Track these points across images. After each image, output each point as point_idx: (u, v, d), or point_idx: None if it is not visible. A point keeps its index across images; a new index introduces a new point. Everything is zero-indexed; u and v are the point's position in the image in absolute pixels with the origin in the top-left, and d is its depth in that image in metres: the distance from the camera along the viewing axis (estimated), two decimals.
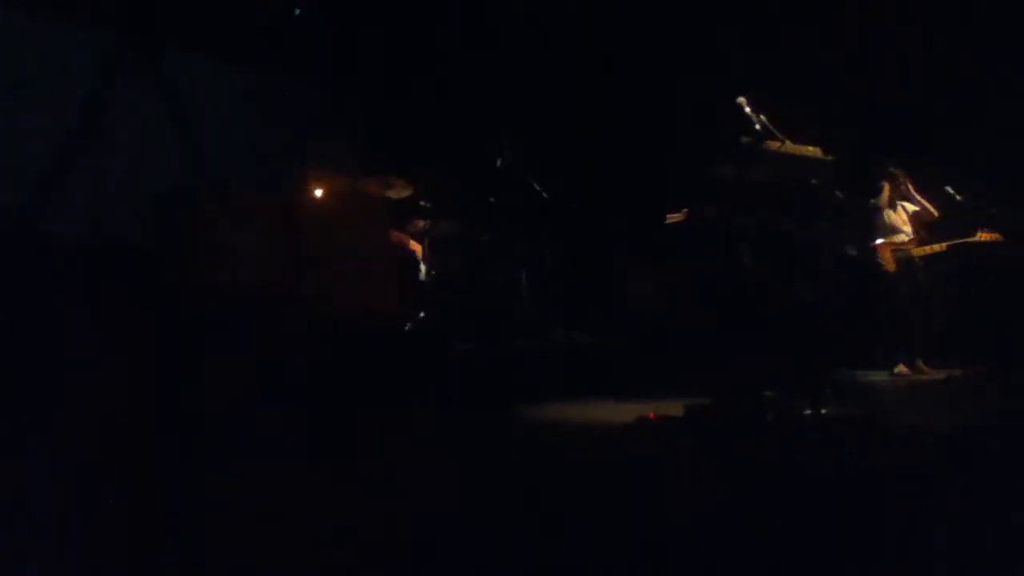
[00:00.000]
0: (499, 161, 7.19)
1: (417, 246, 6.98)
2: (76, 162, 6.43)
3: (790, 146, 4.44)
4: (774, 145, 4.41)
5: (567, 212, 7.64)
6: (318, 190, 6.20)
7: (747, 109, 4.49)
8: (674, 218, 4.86)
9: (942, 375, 6.38)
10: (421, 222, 7.04)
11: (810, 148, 4.48)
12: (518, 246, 7.31)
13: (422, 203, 7.08)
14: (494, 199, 7.32)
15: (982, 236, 6.61)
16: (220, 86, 7.40)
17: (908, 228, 6.86)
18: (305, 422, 3.96)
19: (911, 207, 6.91)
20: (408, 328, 6.10)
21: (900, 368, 6.57)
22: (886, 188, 6.91)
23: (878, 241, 6.85)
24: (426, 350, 5.69)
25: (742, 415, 4.23)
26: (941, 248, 6.73)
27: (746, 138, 4.43)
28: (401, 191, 6.89)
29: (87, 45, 6.62)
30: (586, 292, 7.96)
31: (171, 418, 3.78)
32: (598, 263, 8.15)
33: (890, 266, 6.76)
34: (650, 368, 5.99)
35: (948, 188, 6.79)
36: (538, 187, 7.19)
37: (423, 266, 6.97)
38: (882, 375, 6.54)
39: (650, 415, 4.41)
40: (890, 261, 6.77)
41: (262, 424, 3.77)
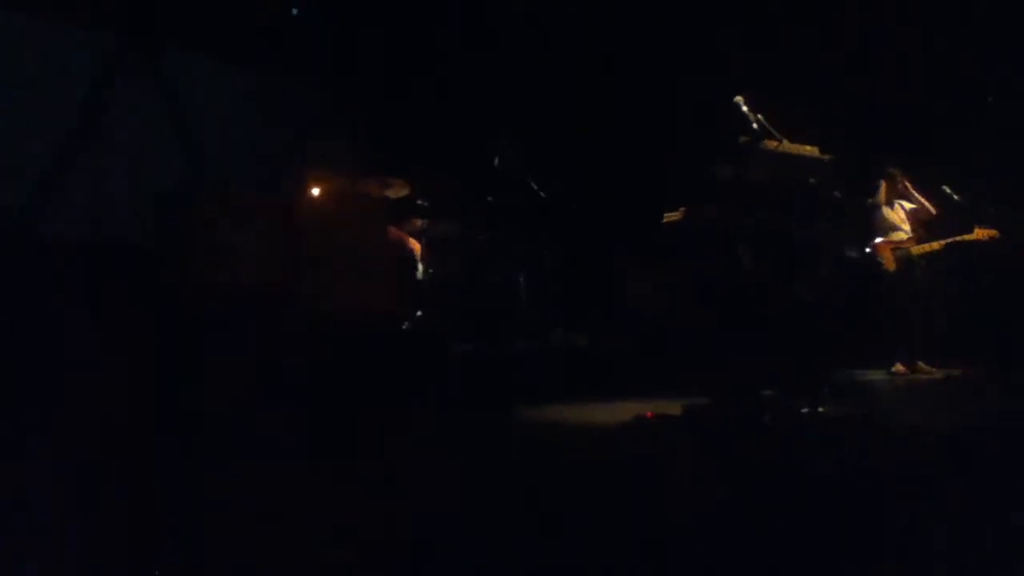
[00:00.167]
0: (498, 161, 7.18)
1: (416, 245, 6.97)
2: (76, 162, 6.44)
3: (788, 145, 4.43)
4: (772, 144, 4.41)
5: (567, 212, 7.63)
6: (318, 190, 6.20)
7: (744, 108, 4.49)
8: (671, 217, 4.85)
9: (941, 374, 6.39)
10: (420, 222, 7.04)
11: (809, 148, 4.48)
12: (517, 246, 7.30)
13: (421, 203, 7.08)
14: (493, 199, 7.31)
15: (979, 233, 6.60)
16: (220, 86, 7.41)
17: (907, 226, 6.85)
18: (305, 422, 3.96)
19: (909, 205, 6.91)
20: (406, 327, 6.10)
21: (897, 367, 6.57)
22: (883, 186, 6.91)
23: (877, 240, 6.85)
24: (426, 350, 5.69)
25: (741, 415, 4.23)
26: (939, 246, 6.72)
27: (743, 137, 4.43)
28: (400, 191, 6.89)
29: (87, 45, 6.63)
30: (586, 292, 7.96)
31: (171, 418, 3.79)
32: (598, 263, 8.15)
33: (890, 265, 6.75)
34: (649, 368, 5.99)
35: (946, 188, 6.78)
36: (537, 187, 7.18)
37: (420, 265, 6.96)
38: (880, 374, 6.55)
39: (647, 414, 4.42)
40: (890, 260, 6.76)
41: (262, 424, 3.78)
